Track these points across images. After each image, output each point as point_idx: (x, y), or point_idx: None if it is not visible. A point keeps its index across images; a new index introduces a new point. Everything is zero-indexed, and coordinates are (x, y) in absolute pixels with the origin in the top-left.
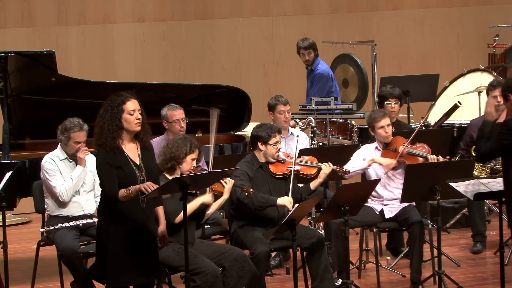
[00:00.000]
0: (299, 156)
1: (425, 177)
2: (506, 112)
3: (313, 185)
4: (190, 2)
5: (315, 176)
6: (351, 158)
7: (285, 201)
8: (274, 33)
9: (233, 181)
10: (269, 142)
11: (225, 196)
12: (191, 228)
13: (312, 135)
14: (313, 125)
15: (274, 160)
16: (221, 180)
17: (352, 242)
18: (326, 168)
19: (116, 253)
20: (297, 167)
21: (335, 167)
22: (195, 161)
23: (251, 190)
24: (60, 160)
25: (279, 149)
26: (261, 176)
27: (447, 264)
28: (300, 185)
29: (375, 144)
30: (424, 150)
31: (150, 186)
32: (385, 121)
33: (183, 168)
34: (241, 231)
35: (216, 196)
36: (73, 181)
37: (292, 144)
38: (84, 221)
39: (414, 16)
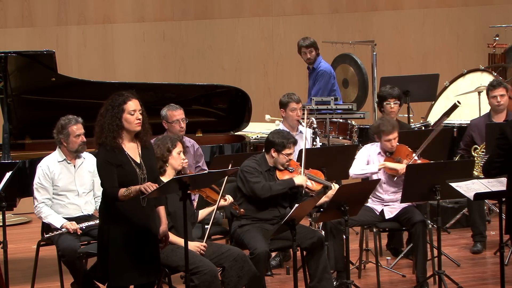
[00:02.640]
0: (306, 168)
1: (425, 177)
2: (506, 112)
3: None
4: (190, 2)
5: (319, 191)
6: (354, 158)
7: (302, 180)
8: (274, 33)
9: (232, 200)
10: (282, 152)
11: (211, 209)
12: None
13: (313, 136)
14: (315, 125)
15: (283, 168)
16: (225, 195)
17: (352, 242)
18: (335, 190)
19: (117, 253)
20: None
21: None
22: (182, 154)
23: (242, 210)
24: (58, 161)
25: (289, 160)
26: (267, 180)
27: (447, 264)
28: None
29: (378, 148)
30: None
31: (150, 186)
32: (393, 136)
33: (172, 164)
34: (241, 231)
35: (208, 203)
36: (48, 218)
37: (300, 143)
38: (86, 223)
39: (414, 16)
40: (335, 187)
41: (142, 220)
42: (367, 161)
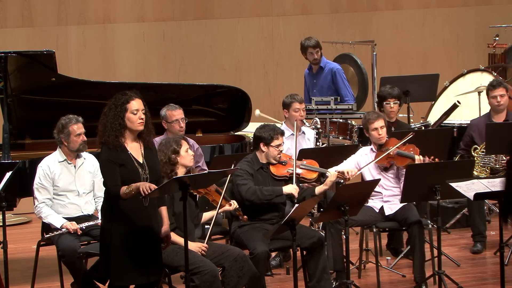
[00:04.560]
0: (300, 159)
1: (425, 177)
2: (506, 112)
3: (318, 190)
4: (190, 2)
5: (316, 180)
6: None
7: (291, 189)
8: (274, 33)
9: (236, 205)
10: (271, 144)
11: (215, 212)
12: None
13: (317, 136)
14: (318, 126)
15: (275, 162)
16: (230, 200)
17: (352, 242)
18: (332, 176)
19: (119, 252)
20: (298, 170)
21: (337, 173)
22: (189, 150)
23: (245, 217)
24: (59, 162)
25: (280, 151)
26: (262, 177)
27: (447, 264)
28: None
29: (371, 146)
30: (411, 150)
31: (148, 188)
32: (379, 123)
33: (183, 163)
34: (241, 231)
35: (213, 206)
36: (48, 218)
37: (303, 143)
38: (86, 223)
39: (414, 16)
40: (331, 173)
41: (144, 220)
42: (356, 162)
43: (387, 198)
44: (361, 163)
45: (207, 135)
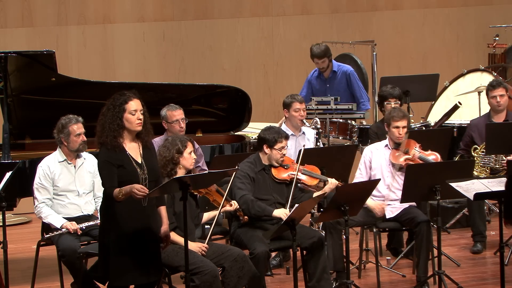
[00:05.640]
0: (302, 164)
1: (425, 177)
2: (506, 112)
3: (315, 195)
4: (190, 2)
5: (316, 187)
6: (359, 162)
7: (281, 213)
8: (274, 33)
9: (237, 206)
10: (275, 147)
11: (217, 212)
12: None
13: (317, 136)
14: (318, 126)
15: (277, 165)
16: (231, 200)
17: (352, 242)
18: (331, 183)
19: (118, 253)
20: (300, 176)
21: (338, 182)
22: (193, 153)
23: (245, 217)
24: (59, 162)
25: (283, 155)
26: (263, 178)
27: (447, 264)
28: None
29: (385, 141)
30: (433, 158)
31: (141, 191)
32: (402, 123)
33: (184, 165)
34: (241, 231)
35: (213, 206)
36: (48, 218)
37: (303, 143)
38: (86, 223)
39: (414, 16)
40: (331, 181)
41: (143, 220)
42: (370, 159)
43: (389, 202)
44: (370, 160)
45: (207, 135)
